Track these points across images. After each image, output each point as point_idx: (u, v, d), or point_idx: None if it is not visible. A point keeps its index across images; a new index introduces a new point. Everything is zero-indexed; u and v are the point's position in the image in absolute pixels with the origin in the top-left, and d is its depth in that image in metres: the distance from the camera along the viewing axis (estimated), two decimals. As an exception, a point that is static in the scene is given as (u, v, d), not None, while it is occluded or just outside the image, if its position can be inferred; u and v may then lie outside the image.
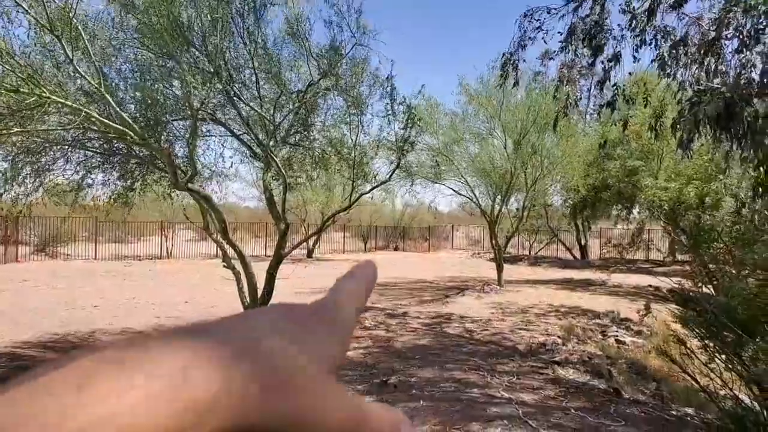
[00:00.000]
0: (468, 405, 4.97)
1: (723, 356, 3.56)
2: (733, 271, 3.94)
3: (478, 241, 37.57)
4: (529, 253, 30.02)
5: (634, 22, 6.37)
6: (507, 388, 5.60)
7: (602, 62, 6.52)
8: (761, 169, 5.70)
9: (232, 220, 26.04)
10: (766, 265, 3.41)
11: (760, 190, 5.62)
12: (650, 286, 14.88)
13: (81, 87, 4.47)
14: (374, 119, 6.87)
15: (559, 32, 6.76)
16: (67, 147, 5.29)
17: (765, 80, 5.25)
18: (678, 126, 5.57)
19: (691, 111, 5.18)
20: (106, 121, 4.20)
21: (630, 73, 6.89)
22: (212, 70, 5.06)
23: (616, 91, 6.55)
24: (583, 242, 27.85)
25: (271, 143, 5.77)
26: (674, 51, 6.43)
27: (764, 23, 6.11)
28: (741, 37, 6.10)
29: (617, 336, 8.82)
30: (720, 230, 5.44)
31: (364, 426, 0.31)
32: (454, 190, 16.83)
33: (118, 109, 4.26)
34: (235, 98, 5.57)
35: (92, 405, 0.21)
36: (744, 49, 6.08)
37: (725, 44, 6.41)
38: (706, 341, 3.69)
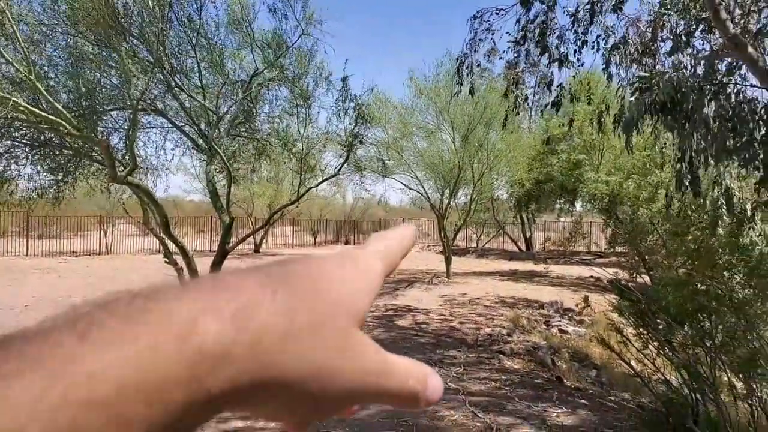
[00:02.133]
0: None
1: (655, 343, 3.75)
2: (666, 262, 4.15)
3: (428, 234, 37.94)
4: (477, 245, 30.54)
5: (577, 23, 6.56)
6: (455, 379, 5.72)
7: (549, 62, 6.70)
8: (683, 163, 6.00)
9: (176, 214, 25.30)
10: (694, 256, 3.62)
11: (685, 182, 5.92)
12: (591, 276, 15.47)
13: (6, 74, 4.25)
14: (321, 111, 6.85)
15: (507, 32, 6.90)
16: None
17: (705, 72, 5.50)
18: (623, 117, 5.77)
19: (641, 96, 5.36)
20: (36, 110, 4.01)
21: (574, 76, 7.10)
22: (152, 59, 4.90)
23: (560, 91, 6.75)
24: (528, 235, 28.60)
25: (215, 134, 5.64)
26: (615, 51, 6.68)
27: (695, 26, 6.43)
28: (674, 39, 6.39)
29: (560, 326, 9.13)
30: (655, 223, 5.71)
31: (389, 379, 0.31)
32: (404, 184, 16.96)
33: (49, 98, 4.07)
34: (176, 89, 5.41)
35: (96, 352, 0.21)
36: (677, 51, 6.38)
37: (660, 46, 6.71)
38: (640, 329, 3.88)
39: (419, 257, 25.35)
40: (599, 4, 6.48)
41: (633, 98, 5.65)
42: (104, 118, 5.78)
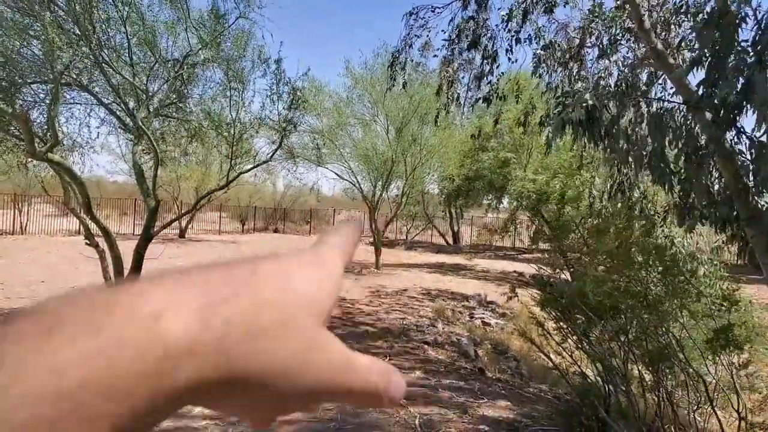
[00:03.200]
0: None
1: (574, 337, 3.92)
2: (587, 259, 4.34)
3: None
4: (406, 237, 30.92)
5: (510, 22, 6.72)
6: (380, 369, 5.75)
7: (481, 59, 6.83)
8: (617, 170, 6.32)
9: (98, 195, 24.05)
10: (613, 254, 3.81)
11: (615, 188, 6.23)
12: (515, 271, 16.00)
13: None
14: (256, 96, 6.68)
15: (442, 30, 6.99)
16: None
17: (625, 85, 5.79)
18: (546, 125, 5.99)
19: (559, 112, 5.59)
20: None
21: (503, 73, 7.29)
22: (78, 32, 4.61)
23: (491, 88, 6.90)
24: (455, 229, 29.29)
25: (143, 114, 5.38)
26: (543, 52, 6.90)
27: (621, 35, 6.75)
28: (601, 46, 6.68)
29: (483, 318, 9.39)
30: (578, 222, 5.96)
31: (354, 377, 0.30)
32: (337, 174, 16.88)
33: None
34: (104, 64, 5.11)
35: (60, 347, 0.21)
36: (603, 57, 6.68)
37: (587, 51, 6.99)
38: (561, 323, 4.05)
39: (349, 248, 25.31)
40: (532, 5, 6.68)
41: (556, 111, 5.89)
42: (23, 90, 5.38)
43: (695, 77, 8.61)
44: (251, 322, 0.26)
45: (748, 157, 3.74)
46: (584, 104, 5.37)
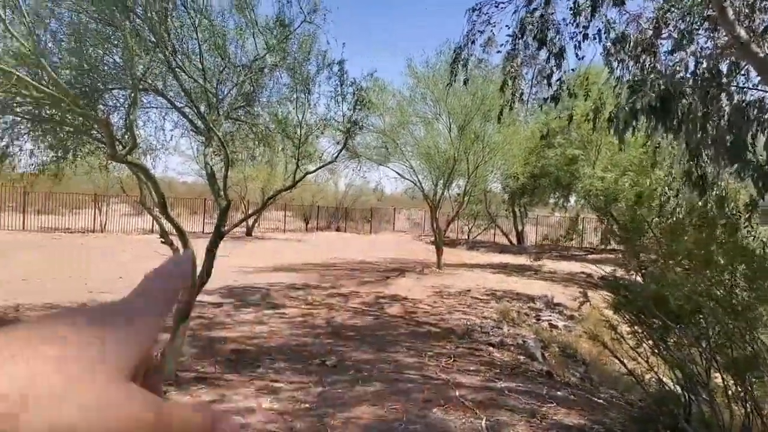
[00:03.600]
0: (406, 387, 5.04)
1: (650, 342, 3.75)
2: (664, 261, 4.14)
3: (419, 224, 38.00)
4: (468, 237, 30.60)
5: (578, 17, 6.51)
6: (444, 370, 5.72)
7: (548, 56, 6.65)
8: (691, 162, 6.01)
9: (170, 194, 25.13)
10: (693, 255, 3.61)
11: (690, 182, 5.92)
12: (583, 273, 15.51)
13: (10, 48, 4.16)
14: (321, 98, 6.76)
15: (506, 26, 6.85)
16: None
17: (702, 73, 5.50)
18: (615, 117, 5.76)
19: (630, 99, 5.36)
20: (40, 86, 3.93)
21: (573, 69, 7.07)
22: (154, 39, 4.82)
23: (560, 86, 6.71)
24: (520, 228, 28.71)
25: (214, 117, 5.57)
26: (615, 46, 6.64)
27: (698, 24, 6.40)
28: (676, 36, 6.36)
29: (550, 320, 9.16)
30: (650, 221, 5.71)
31: (163, 429, 0.29)
32: (398, 173, 16.90)
33: (52, 73, 3.99)
34: (177, 69, 5.33)
35: None
36: (678, 49, 6.35)
37: (661, 43, 6.67)
38: (635, 327, 3.88)
39: (410, 246, 25.39)
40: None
41: (627, 100, 5.64)
42: (105, 96, 5.70)
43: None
44: (25, 389, 0.25)
45: None
46: (658, 89, 5.13)
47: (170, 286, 0.39)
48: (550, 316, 9.58)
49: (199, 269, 5.98)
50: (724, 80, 5.63)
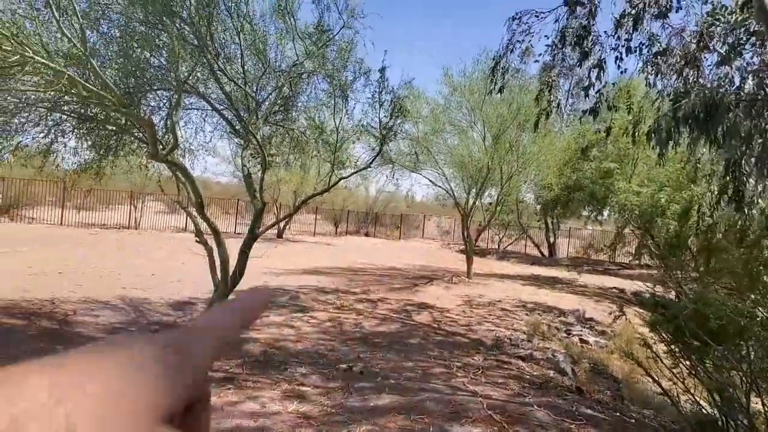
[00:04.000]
0: (433, 397, 5.01)
1: (688, 362, 3.65)
2: (705, 279, 4.04)
3: (448, 232, 37.84)
4: (498, 247, 30.32)
5: (620, 30, 6.42)
6: (472, 381, 5.67)
7: (588, 68, 6.57)
8: (728, 175, 5.84)
9: (205, 194, 25.62)
10: (736, 274, 3.51)
11: (726, 195, 5.75)
12: (615, 288, 15.22)
13: (61, 49, 4.31)
14: (357, 104, 6.83)
15: (545, 36, 6.80)
16: (43, 109, 5.10)
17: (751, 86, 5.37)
18: (656, 127, 5.64)
19: (674, 106, 5.26)
20: (89, 85, 4.06)
21: (614, 84, 6.97)
22: (197, 43, 4.94)
23: (599, 98, 6.62)
24: (552, 240, 28.31)
25: (252, 121, 5.67)
26: (657, 59, 6.52)
27: (745, 38, 6.23)
28: (721, 51, 6.21)
29: (581, 335, 9.00)
30: (688, 238, 5.57)
31: None
32: (430, 181, 16.88)
33: (101, 74, 4.12)
34: (219, 72, 5.44)
35: None
36: (723, 63, 6.20)
37: (705, 57, 6.52)
38: (672, 346, 3.78)
39: (440, 254, 25.29)
40: (643, 11, 6.33)
41: (669, 110, 5.53)
42: (148, 96, 5.85)
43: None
44: None
45: None
46: (703, 98, 5.01)
47: (236, 317, 0.39)
48: (581, 330, 9.41)
49: (231, 269, 6.08)
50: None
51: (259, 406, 4.50)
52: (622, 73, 7.18)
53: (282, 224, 25.23)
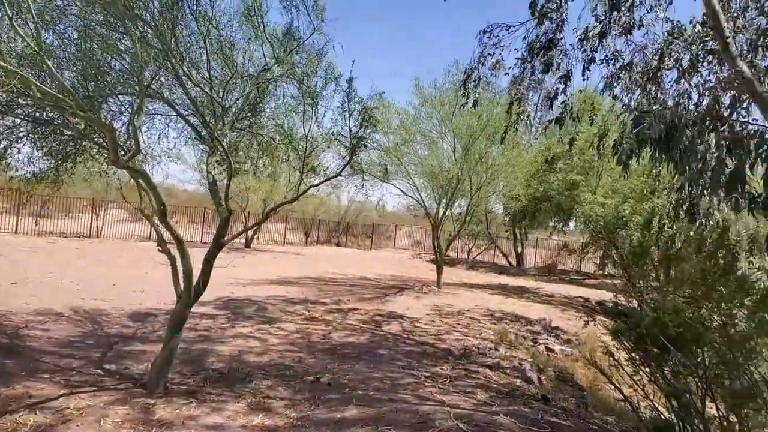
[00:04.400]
0: (401, 407, 5.01)
1: (647, 369, 3.74)
2: (665, 288, 4.15)
3: (420, 242, 37.99)
4: (467, 257, 30.55)
5: (585, 43, 6.58)
6: (440, 391, 5.68)
7: (554, 79, 6.72)
8: (682, 191, 6.03)
9: (170, 203, 25.17)
10: (693, 283, 3.62)
11: (685, 213, 5.94)
12: (580, 297, 15.47)
13: (14, 49, 4.20)
14: (327, 112, 6.78)
15: (515, 49, 6.93)
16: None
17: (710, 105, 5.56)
18: (620, 146, 5.80)
19: (635, 130, 5.42)
20: (45, 87, 3.95)
21: (581, 91, 7.13)
22: (161, 47, 4.86)
23: (564, 109, 6.77)
24: (519, 250, 28.72)
25: (219, 127, 5.59)
26: (620, 73, 6.71)
27: (702, 57, 6.46)
28: (680, 68, 6.43)
29: (547, 344, 9.12)
30: (650, 248, 5.71)
31: None
32: (401, 191, 16.95)
33: (58, 76, 4.01)
34: (184, 77, 5.37)
35: None
36: (682, 80, 6.42)
37: (665, 74, 6.74)
38: (633, 354, 3.87)
39: (411, 264, 25.35)
40: (608, 26, 6.51)
41: (631, 131, 5.69)
42: (109, 101, 5.72)
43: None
44: None
45: None
46: (663, 120, 5.17)
47: None
48: (547, 339, 9.53)
49: (195, 279, 5.97)
50: (726, 113, 5.67)
51: (223, 419, 4.42)
52: (586, 80, 7.34)
53: (250, 233, 24.96)
